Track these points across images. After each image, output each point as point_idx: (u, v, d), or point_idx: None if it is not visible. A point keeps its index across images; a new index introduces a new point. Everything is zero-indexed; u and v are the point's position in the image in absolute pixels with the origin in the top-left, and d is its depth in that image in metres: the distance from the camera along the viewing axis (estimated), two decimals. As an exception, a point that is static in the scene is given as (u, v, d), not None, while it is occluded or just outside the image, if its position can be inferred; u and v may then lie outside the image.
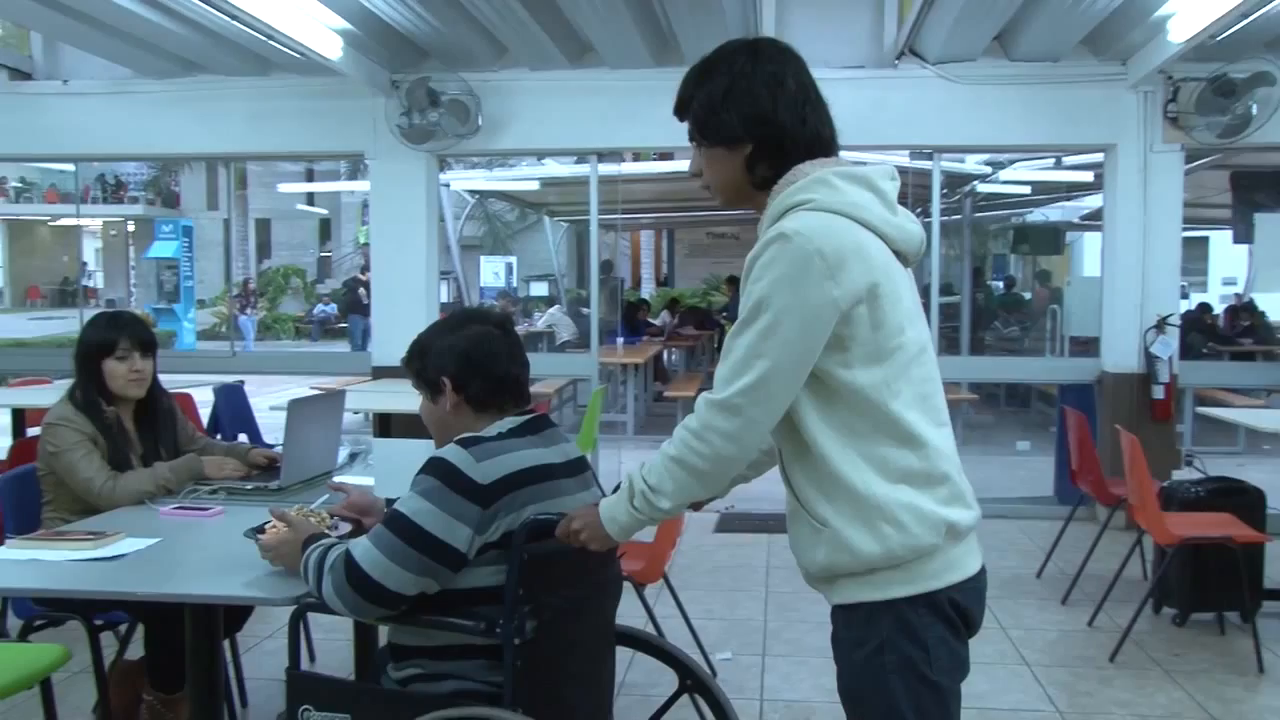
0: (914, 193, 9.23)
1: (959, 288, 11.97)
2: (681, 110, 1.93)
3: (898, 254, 1.83)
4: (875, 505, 1.75)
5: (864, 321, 1.73)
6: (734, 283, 16.99)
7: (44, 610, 3.23)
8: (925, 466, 1.78)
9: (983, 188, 11.78)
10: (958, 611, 1.84)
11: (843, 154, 1.89)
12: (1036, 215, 14.96)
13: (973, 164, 10.58)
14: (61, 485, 3.21)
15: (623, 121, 6.88)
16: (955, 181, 10.96)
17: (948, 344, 10.66)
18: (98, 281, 35.03)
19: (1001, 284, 17.03)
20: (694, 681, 2.47)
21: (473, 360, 2.26)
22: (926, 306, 6.98)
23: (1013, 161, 10.83)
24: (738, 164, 1.87)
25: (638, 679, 3.89)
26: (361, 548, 2.10)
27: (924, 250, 1.91)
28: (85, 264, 35.15)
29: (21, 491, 3.33)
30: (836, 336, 1.73)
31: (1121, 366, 6.78)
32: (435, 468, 2.10)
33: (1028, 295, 15.94)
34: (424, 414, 2.36)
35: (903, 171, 1.94)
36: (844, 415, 1.76)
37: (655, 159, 15.56)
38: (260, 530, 2.43)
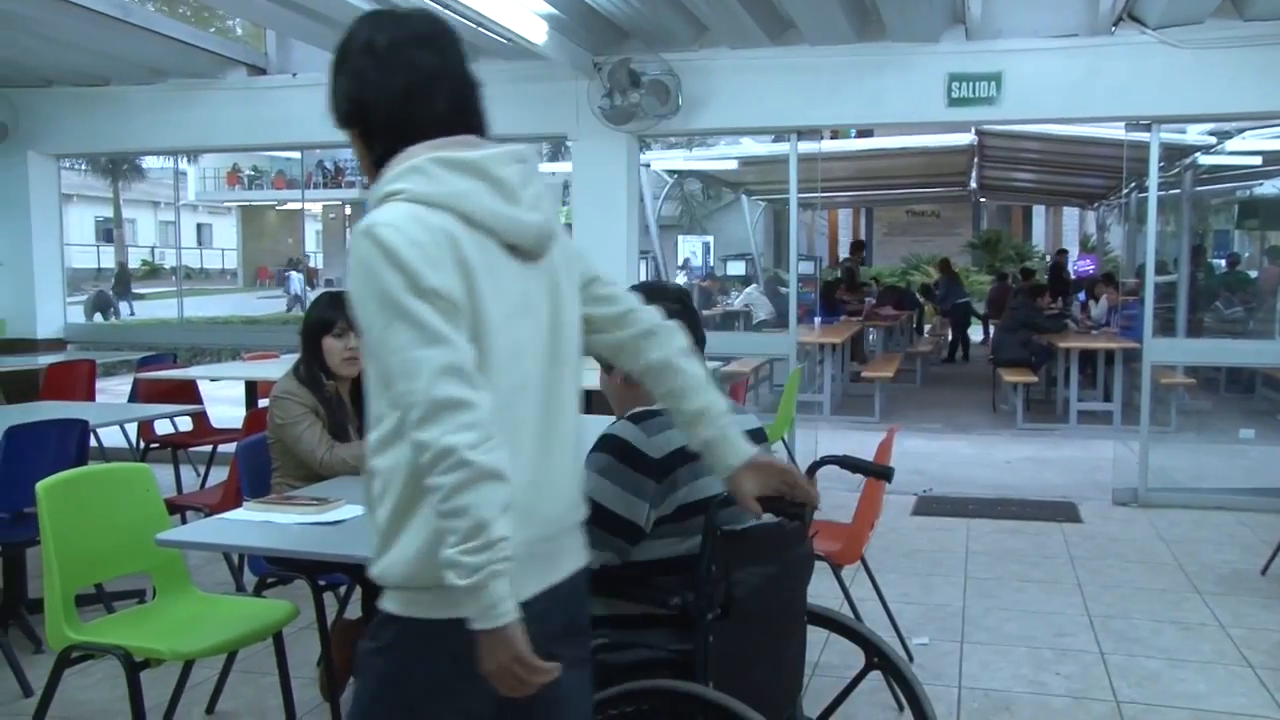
0: (1129, 166, 8.77)
1: (1176, 266, 11.30)
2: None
3: (515, 248, 1.65)
4: None
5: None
6: (946, 267, 16.56)
7: (275, 569, 3.47)
8: None
9: (1205, 159, 11.06)
10: None
11: (1052, 128, 1.72)
12: (1267, 188, 13.94)
13: (1195, 134, 9.94)
14: (288, 453, 3.43)
15: (823, 99, 6.79)
16: (1174, 154, 10.34)
17: (1162, 325, 10.08)
18: (318, 262, 36.99)
19: (1224, 262, 15.97)
20: (881, 660, 2.45)
21: None
22: (1141, 286, 6.68)
23: (1241, 130, 10.12)
24: (361, 147, 1.71)
25: (832, 660, 3.87)
26: None
27: (549, 242, 1.71)
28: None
29: (255, 457, 3.60)
30: None
31: (1364, 351, 6.27)
32: (609, 445, 2.14)
33: (1254, 274, 14.90)
34: (600, 384, 2.40)
35: (1117, 144, 1.81)
36: None
37: (855, 136, 15.33)
38: None
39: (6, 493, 3.80)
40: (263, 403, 6.33)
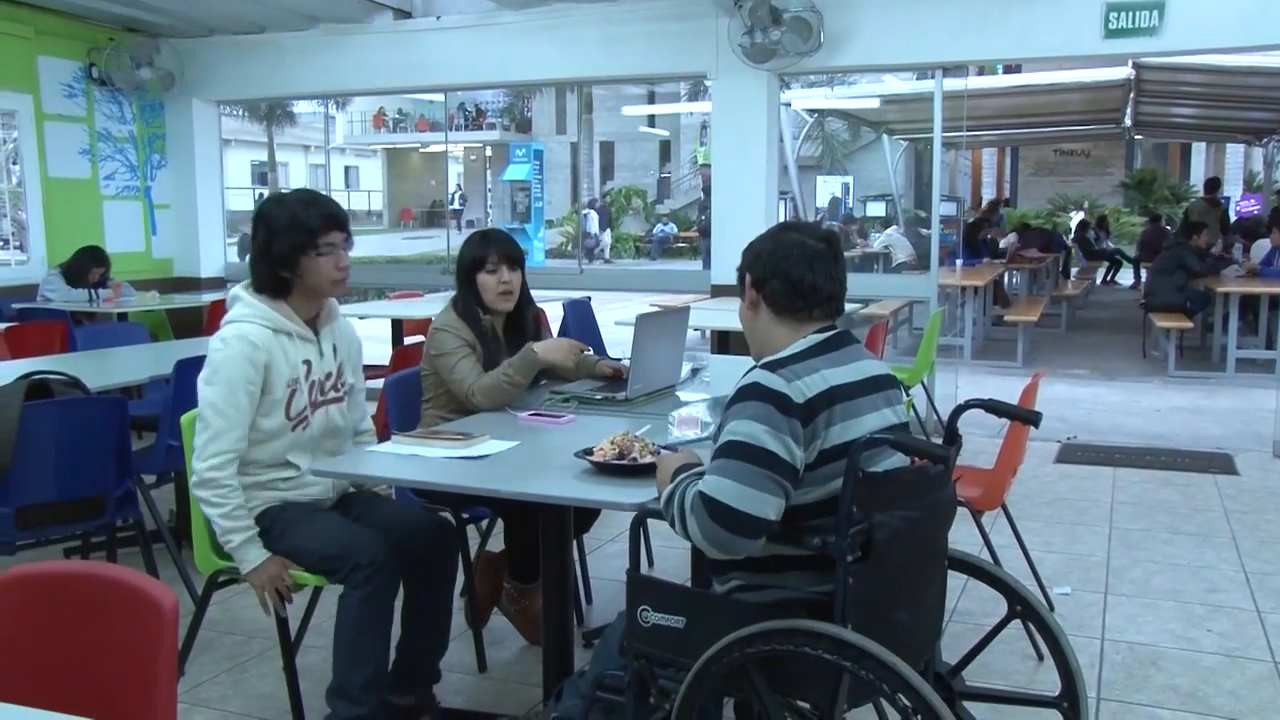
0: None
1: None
2: None
3: None
4: None
5: None
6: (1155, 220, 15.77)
7: (422, 501, 3.60)
8: None
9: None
10: None
11: (1219, 59, 1.65)
12: None
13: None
14: (441, 385, 3.51)
15: (970, 33, 6.55)
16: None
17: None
18: (459, 203, 37.66)
19: None
20: (1024, 608, 2.41)
21: (770, 260, 2.29)
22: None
23: None
24: None
25: (970, 607, 3.84)
26: (713, 482, 2.10)
27: None
28: (459, 189, 37.57)
29: (404, 392, 3.72)
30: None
31: None
32: (755, 391, 2.12)
33: None
34: (740, 315, 2.42)
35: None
36: None
37: (1002, 72, 14.79)
38: (589, 452, 2.58)
39: (177, 423, 4.01)
40: (409, 340, 6.54)
